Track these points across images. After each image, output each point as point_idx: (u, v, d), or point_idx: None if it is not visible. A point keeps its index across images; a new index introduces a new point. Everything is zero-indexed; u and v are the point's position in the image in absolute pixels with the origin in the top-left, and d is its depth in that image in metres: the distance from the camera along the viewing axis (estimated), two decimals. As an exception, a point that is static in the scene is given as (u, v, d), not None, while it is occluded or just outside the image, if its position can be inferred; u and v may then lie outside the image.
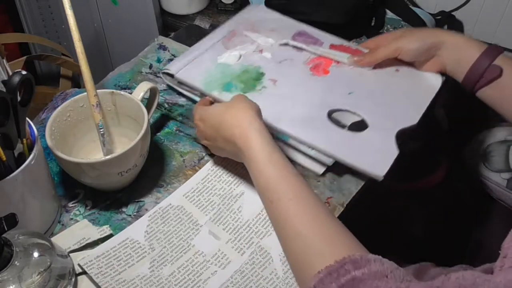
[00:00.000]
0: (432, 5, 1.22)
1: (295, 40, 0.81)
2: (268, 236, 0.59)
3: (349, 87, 0.73)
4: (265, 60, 0.77)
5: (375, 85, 0.74)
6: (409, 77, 0.75)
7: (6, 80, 0.51)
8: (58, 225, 0.60)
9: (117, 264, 0.56)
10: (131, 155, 0.58)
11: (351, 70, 0.76)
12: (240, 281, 0.55)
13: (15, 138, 0.52)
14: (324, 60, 0.78)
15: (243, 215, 0.61)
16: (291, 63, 0.77)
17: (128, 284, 0.54)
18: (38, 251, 0.48)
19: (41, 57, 1.17)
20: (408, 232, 1.12)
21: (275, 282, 0.55)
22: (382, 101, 0.71)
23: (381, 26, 1.11)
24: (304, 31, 0.83)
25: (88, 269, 0.54)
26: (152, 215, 0.61)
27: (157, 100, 0.69)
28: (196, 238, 0.59)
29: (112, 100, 0.64)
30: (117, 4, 1.21)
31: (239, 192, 0.64)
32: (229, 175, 0.65)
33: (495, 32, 1.22)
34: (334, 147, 0.64)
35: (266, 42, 0.80)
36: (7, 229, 0.44)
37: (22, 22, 1.37)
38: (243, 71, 0.75)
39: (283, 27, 0.83)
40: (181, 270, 0.56)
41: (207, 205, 0.62)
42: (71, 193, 0.64)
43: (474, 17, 1.22)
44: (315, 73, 0.75)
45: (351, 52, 0.79)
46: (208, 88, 0.71)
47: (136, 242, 0.58)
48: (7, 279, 0.45)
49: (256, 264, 0.56)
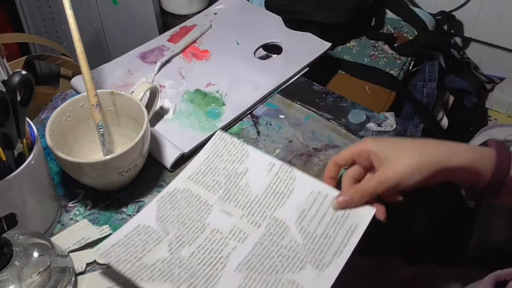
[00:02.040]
0: (432, 5, 1.22)
1: (145, 61, 0.82)
2: (280, 207, 0.59)
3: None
4: (173, 85, 0.79)
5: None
6: None
7: (6, 80, 0.51)
8: (58, 225, 0.60)
9: (134, 250, 0.54)
10: (131, 155, 0.58)
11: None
12: (262, 252, 0.55)
13: (15, 138, 0.52)
14: (190, 50, 0.83)
15: (251, 191, 0.61)
16: (189, 72, 0.81)
17: (150, 268, 0.53)
18: (38, 251, 0.48)
19: (41, 57, 1.17)
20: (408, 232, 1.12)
21: (296, 249, 0.55)
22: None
23: (381, 26, 1.12)
24: (142, 52, 0.84)
25: (106, 258, 0.53)
26: (160, 200, 0.60)
27: (157, 100, 0.69)
28: (209, 217, 0.58)
29: (112, 100, 0.64)
30: (117, 4, 1.21)
31: (243, 170, 0.63)
32: (230, 154, 0.65)
33: (495, 32, 1.22)
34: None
35: (145, 81, 0.79)
36: (7, 229, 0.44)
37: (22, 22, 1.37)
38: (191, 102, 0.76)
39: (125, 63, 0.82)
40: (201, 249, 0.55)
41: (213, 185, 0.62)
42: (71, 193, 0.64)
43: (474, 17, 1.22)
44: (198, 59, 0.82)
45: (188, 30, 0.86)
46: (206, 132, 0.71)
47: (149, 228, 0.57)
48: (7, 279, 0.45)
49: (274, 235, 0.56)
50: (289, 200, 0.59)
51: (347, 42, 1.10)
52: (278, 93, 0.78)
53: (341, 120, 0.74)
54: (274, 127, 0.73)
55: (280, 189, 0.60)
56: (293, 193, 0.60)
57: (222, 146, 0.65)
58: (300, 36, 0.86)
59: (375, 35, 1.10)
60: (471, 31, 1.25)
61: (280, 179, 0.61)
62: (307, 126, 0.73)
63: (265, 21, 0.90)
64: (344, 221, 0.57)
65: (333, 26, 0.99)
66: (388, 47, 1.10)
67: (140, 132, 0.58)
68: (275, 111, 0.75)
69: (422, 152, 0.53)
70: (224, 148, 0.65)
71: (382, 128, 0.73)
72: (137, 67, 0.81)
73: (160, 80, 0.79)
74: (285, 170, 0.61)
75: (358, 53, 1.09)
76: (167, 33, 0.88)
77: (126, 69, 0.80)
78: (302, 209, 0.58)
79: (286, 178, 0.61)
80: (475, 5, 1.17)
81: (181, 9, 1.14)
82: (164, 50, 0.84)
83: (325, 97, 0.78)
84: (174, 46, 0.84)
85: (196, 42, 0.86)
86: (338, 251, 0.54)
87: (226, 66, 0.81)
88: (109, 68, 0.81)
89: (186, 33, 0.87)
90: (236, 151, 0.64)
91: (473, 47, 1.35)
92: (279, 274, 0.53)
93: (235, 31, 0.88)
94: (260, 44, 0.85)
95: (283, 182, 0.61)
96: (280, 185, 0.61)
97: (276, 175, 0.61)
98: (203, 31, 0.87)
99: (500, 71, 1.37)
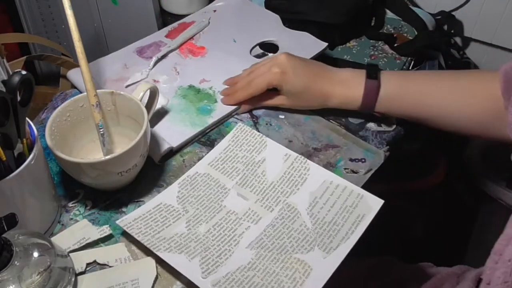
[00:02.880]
0: (432, 5, 1.22)
1: (142, 56, 0.82)
2: (293, 194, 0.63)
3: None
4: (167, 80, 0.79)
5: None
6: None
7: (6, 80, 0.51)
8: (58, 225, 0.60)
9: (154, 225, 0.59)
10: (131, 155, 0.58)
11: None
12: (273, 233, 0.59)
13: (15, 138, 0.52)
14: (187, 46, 0.84)
15: (267, 178, 0.65)
16: (184, 68, 0.81)
17: (168, 241, 0.57)
18: (38, 251, 0.48)
19: (41, 57, 1.17)
20: (408, 232, 1.12)
21: (305, 233, 0.59)
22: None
23: (381, 26, 1.12)
24: (139, 47, 0.84)
25: (129, 229, 0.58)
26: (181, 182, 0.64)
27: (157, 100, 0.69)
28: (226, 200, 0.63)
29: (112, 100, 0.64)
30: (117, 4, 1.21)
31: (260, 159, 0.67)
32: (249, 144, 0.69)
33: (495, 32, 1.22)
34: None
35: (139, 76, 0.79)
36: (7, 229, 0.44)
37: (22, 22, 1.37)
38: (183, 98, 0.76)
39: (121, 57, 0.83)
40: (216, 227, 0.60)
41: (232, 172, 0.66)
42: (71, 193, 0.64)
43: (474, 17, 1.22)
44: (194, 56, 0.82)
45: (186, 26, 0.86)
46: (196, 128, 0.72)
47: (170, 206, 0.62)
48: (7, 279, 0.45)
49: (285, 219, 0.61)
50: (302, 188, 0.64)
51: (347, 42, 1.10)
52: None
53: (341, 120, 0.74)
54: (274, 127, 0.73)
55: (295, 178, 0.65)
56: (306, 182, 0.64)
57: (242, 137, 0.70)
58: (297, 35, 0.86)
59: (375, 35, 1.10)
60: (471, 31, 1.25)
61: (295, 169, 0.66)
62: (307, 126, 0.73)
63: (264, 19, 0.90)
64: (353, 210, 0.61)
65: (333, 26, 0.99)
66: (388, 47, 1.10)
67: (140, 132, 0.58)
68: (275, 111, 0.75)
69: (312, 84, 0.70)
70: (244, 138, 0.69)
71: (382, 128, 0.73)
72: (133, 62, 0.81)
73: (155, 75, 0.79)
74: (300, 161, 0.66)
75: (358, 53, 1.09)
76: (165, 29, 0.88)
77: (122, 63, 0.81)
78: (314, 197, 0.62)
79: (301, 168, 0.66)
80: (475, 5, 1.17)
81: (181, 9, 1.13)
82: (161, 45, 0.84)
83: (325, 97, 0.78)
84: (171, 42, 0.84)
85: (193, 39, 0.86)
86: (346, 237, 0.58)
87: (221, 63, 0.81)
88: (105, 61, 0.81)
89: (184, 29, 0.87)
90: (255, 142, 0.69)
91: (473, 47, 1.35)
92: (288, 253, 0.57)
93: (233, 28, 0.88)
94: (256, 42, 0.85)
95: (298, 172, 0.65)
96: (295, 174, 0.65)
97: (291, 165, 0.66)
98: (200, 28, 0.88)
99: (500, 71, 1.37)
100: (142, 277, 0.56)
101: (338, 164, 0.68)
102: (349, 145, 0.70)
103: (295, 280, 0.54)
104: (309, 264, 0.56)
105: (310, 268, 0.55)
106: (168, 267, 0.56)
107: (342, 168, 0.67)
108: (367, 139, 0.72)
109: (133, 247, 0.59)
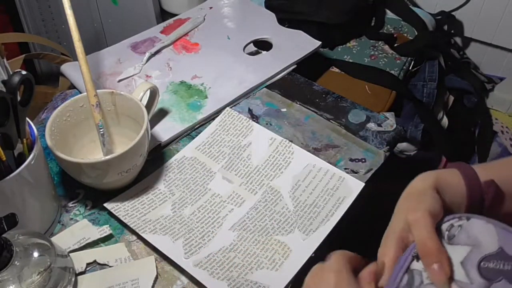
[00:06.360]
0: (432, 5, 1.22)
1: (136, 52, 0.82)
2: (277, 177, 0.65)
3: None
4: (160, 75, 0.79)
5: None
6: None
7: (6, 80, 0.51)
8: (58, 225, 0.60)
9: (141, 207, 0.61)
10: (131, 155, 0.58)
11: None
12: (256, 215, 0.61)
13: (15, 138, 0.52)
14: (181, 42, 0.84)
15: (252, 162, 0.67)
16: (177, 64, 0.80)
17: (154, 223, 0.59)
18: (38, 251, 0.48)
19: (39, 56, 1.17)
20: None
21: (287, 215, 0.60)
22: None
23: (381, 26, 1.12)
24: (134, 42, 0.85)
25: (116, 212, 0.59)
26: (168, 166, 0.66)
27: (157, 100, 0.69)
28: (211, 183, 0.64)
29: (112, 100, 0.64)
30: (117, 4, 1.21)
31: (246, 143, 0.69)
32: (236, 128, 0.70)
33: (495, 32, 1.22)
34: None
35: (132, 71, 0.79)
36: (7, 229, 0.44)
37: (22, 22, 1.37)
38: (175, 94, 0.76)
39: (116, 52, 0.83)
40: (201, 209, 0.61)
41: (218, 155, 0.67)
42: (71, 193, 0.64)
43: (474, 17, 1.22)
44: (187, 52, 0.82)
45: (182, 22, 0.86)
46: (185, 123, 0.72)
47: (156, 189, 0.63)
48: (7, 279, 0.45)
49: (268, 201, 0.62)
50: (285, 172, 0.65)
51: (347, 42, 1.10)
52: (278, 93, 0.78)
53: (341, 120, 0.74)
54: (274, 127, 0.73)
55: (279, 162, 0.66)
56: (290, 165, 0.66)
57: (229, 121, 0.71)
58: (291, 33, 0.86)
59: (375, 35, 1.10)
60: (471, 31, 1.25)
61: (279, 153, 0.67)
62: (307, 126, 0.73)
63: (259, 17, 0.90)
64: (333, 192, 0.62)
65: (333, 26, 0.99)
66: (388, 47, 1.10)
67: (140, 132, 0.58)
68: (275, 111, 0.75)
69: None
70: (231, 123, 0.71)
71: (382, 128, 0.73)
72: (127, 57, 0.82)
73: (148, 70, 0.79)
74: (285, 144, 0.68)
75: (358, 53, 1.09)
76: (161, 25, 0.88)
77: (116, 58, 0.81)
78: (297, 180, 0.64)
79: (285, 152, 0.67)
80: (475, 5, 1.17)
81: (180, 9, 1.13)
82: (156, 41, 0.84)
83: (325, 97, 0.78)
84: (166, 38, 0.84)
85: (187, 35, 0.86)
86: (325, 220, 0.60)
87: (214, 60, 0.81)
88: (100, 56, 0.81)
89: (180, 25, 0.87)
90: (242, 126, 0.71)
91: (473, 47, 1.35)
92: (269, 235, 0.59)
93: (228, 26, 0.88)
94: (250, 40, 0.85)
95: (282, 155, 0.67)
96: (279, 158, 0.67)
97: (276, 149, 0.68)
98: (196, 24, 0.88)
99: (500, 71, 1.37)
100: (142, 277, 0.55)
101: (338, 164, 0.68)
102: (349, 145, 0.71)
103: (274, 262, 0.56)
104: (288, 245, 0.57)
105: (290, 249, 0.57)
106: (168, 267, 0.56)
107: (342, 168, 0.67)
108: (367, 139, 0.72)
109: (133, 247, 0.59)
